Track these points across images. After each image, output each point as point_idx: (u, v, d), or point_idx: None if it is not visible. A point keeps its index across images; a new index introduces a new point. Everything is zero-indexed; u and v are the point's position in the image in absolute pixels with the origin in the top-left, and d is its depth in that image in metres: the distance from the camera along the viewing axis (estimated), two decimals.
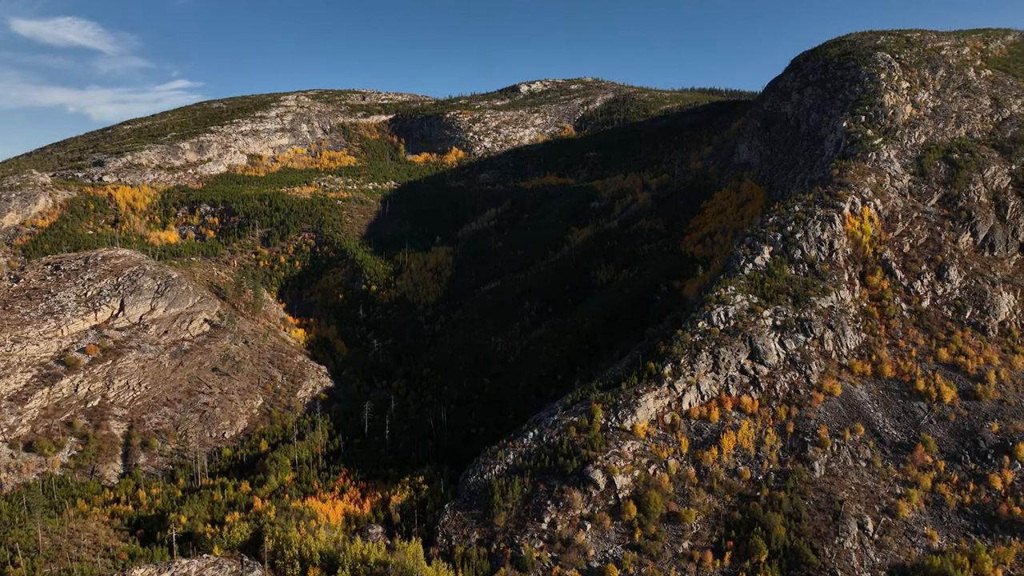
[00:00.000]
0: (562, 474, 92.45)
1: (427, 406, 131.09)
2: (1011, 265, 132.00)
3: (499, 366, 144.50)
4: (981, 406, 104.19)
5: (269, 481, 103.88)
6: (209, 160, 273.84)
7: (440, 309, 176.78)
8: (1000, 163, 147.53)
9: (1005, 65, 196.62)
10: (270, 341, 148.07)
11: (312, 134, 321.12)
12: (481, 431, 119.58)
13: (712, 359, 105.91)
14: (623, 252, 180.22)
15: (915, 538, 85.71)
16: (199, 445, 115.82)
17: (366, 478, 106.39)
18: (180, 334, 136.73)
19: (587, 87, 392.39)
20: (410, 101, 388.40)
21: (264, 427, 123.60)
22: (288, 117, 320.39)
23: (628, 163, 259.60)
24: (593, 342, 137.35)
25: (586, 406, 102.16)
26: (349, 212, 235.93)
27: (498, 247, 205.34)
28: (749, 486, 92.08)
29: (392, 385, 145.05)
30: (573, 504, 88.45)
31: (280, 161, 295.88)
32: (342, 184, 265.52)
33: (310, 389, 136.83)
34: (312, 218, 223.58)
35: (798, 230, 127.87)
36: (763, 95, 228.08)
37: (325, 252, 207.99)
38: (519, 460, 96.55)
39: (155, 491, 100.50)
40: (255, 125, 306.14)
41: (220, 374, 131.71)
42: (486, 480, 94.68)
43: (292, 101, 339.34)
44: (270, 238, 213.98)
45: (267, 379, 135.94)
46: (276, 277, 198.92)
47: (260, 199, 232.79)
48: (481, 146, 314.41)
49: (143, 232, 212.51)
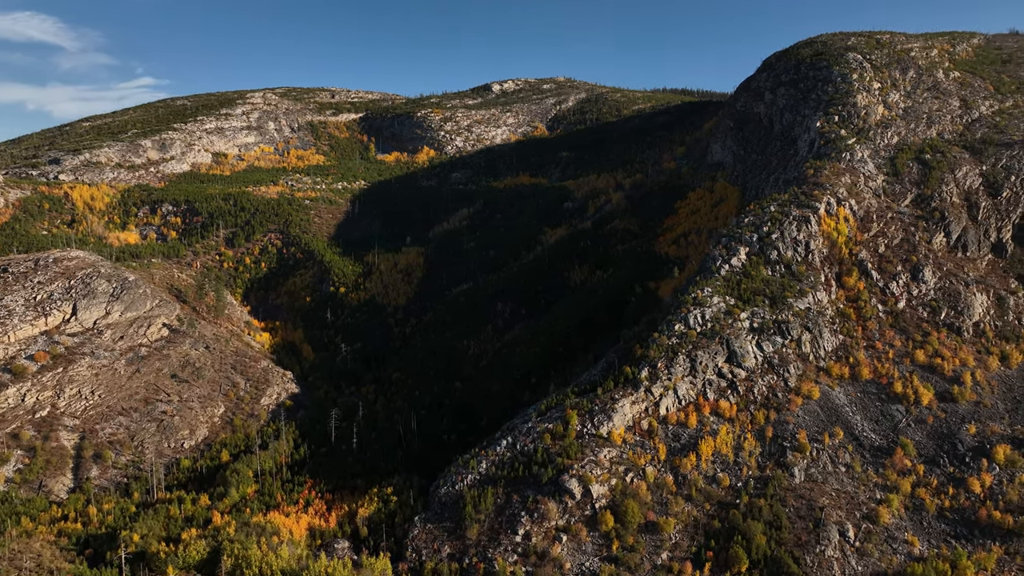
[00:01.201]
0: (537, 483, 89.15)
1: (397, 412, 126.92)
2: (983, 266, 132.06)
3: (471, 369, 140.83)
4: (958, 408, 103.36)
5: (230, 494, 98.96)
6: (172, 158, 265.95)
7: (411, 311, 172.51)
8: (971, 164, 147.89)
9: (972, 67, 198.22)
10: (233, 346, 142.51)
11: (279, 132, 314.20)
12: (453, 438, 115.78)
13: (689, 363, 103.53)
14: (597, 253, 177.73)
15: (896, 545, 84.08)
16: (156, 456, 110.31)
17: (332, 489, 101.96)
18: (137, 339, 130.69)
19: (559, 87, 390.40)
20: (380, 99, 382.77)
21: (226, 436, 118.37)
22: (255, 115, 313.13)
23: (601, 163, 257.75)
24: (568, 345, 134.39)
25: (561, 412, 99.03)
26: (317, 212, 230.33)
27: (470, 247, 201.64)
28: (728, 493, 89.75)
29: (361, 390, 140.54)
30: (548, 515, 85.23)
31: (246, 160, 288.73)
32: (310, 183, 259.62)
33: (275, 396, 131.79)
34: (279, 218, 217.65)
35: (774, 230, 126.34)
36: (736, 95, 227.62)
37: (292, 253, 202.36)
38: (492, 469, 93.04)
39: (107, 506, 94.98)
40: (220, 123, 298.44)
41: (179, 381, 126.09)
42: (458, 491, 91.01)
43: (259, 99, 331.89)
44: (235, 239, 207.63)
45: (229, 386, 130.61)
46: (241, 279, 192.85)
47: (225, 198, 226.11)
48: (453, 145, 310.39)
49: (101, 233, 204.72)
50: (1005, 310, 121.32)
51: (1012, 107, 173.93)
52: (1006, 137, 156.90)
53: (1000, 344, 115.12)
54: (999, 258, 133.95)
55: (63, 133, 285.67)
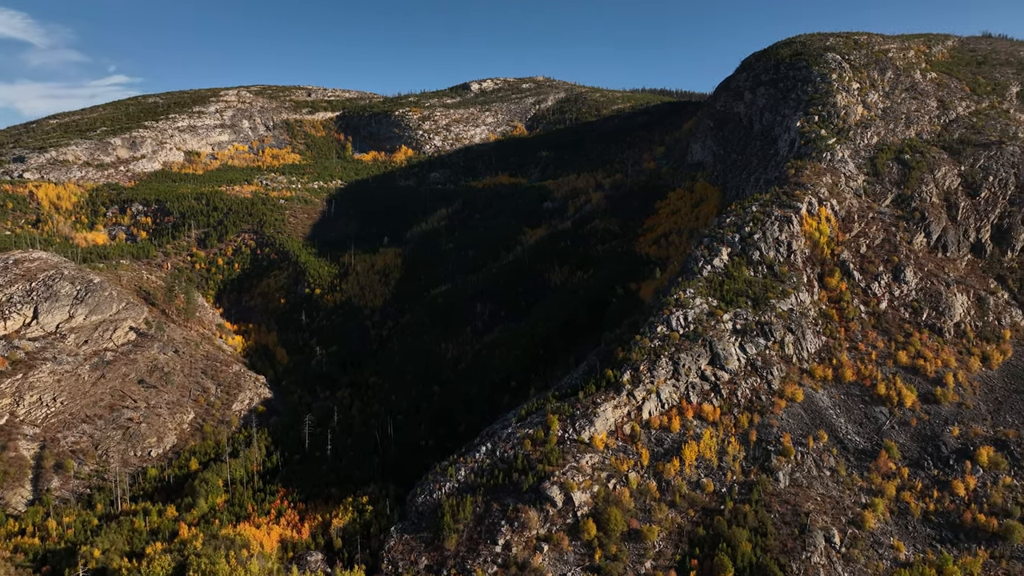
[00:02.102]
0: (517, 491, 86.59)
1: (373, 417, 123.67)
2: (963, 266, 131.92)
3: (450, 373, 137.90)
4: (941, 410, 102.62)
5: (198, 505, 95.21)
6: (142, 157, 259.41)
7: (388, 313, 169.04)
8: (950, 164, 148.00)
9: (948, 69, 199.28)
10: (203, 349, 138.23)
11: (254, 131, 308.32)
12: (431, 444, 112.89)
13: (672, 365, 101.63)
14: (577, 253, 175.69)
15: (882, 550, 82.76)
16: (121, 465, 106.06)
17: (306, 498, 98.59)
18: (102, 344, 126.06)
19: (539, 86, 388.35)
20: (358, 98, 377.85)
21: (195, 444, 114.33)
22: (228, 113, 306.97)
23: (581, 163, 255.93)
24: (548, 347, 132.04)
25: (542, 417, 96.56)
26: (292, 212, 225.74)
27: (449, 248, 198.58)
28: (712, 499, 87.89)
29: (336, 395, 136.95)
30: (529, 524, 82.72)
31: (219, 158, 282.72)
32: (285, 183, 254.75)
33: (247, 401, 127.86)
34: (253, 218, 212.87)
35: (756, 231, 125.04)
36: (715, 95, 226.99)
37: (266, 254, 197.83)
38: (471, 477, 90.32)
39: (68, 520, 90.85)
40: (193, 121, 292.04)
41: (147, 386, 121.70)
42: (435, 499, 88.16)
43: (233, 96, 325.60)
44: (207, 239, 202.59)
45: (199, 391, 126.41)
46: (213, 280, 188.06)
47: (197, 198, 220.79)
48: (431, 144, 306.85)
49: (68, 233, 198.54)
50: (985, 311, 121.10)
51: (988, 108, 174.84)
52: (983, 138, 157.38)
53: (981, 345, 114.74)
54: (978, 258, 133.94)
55: (29, 131, 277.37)
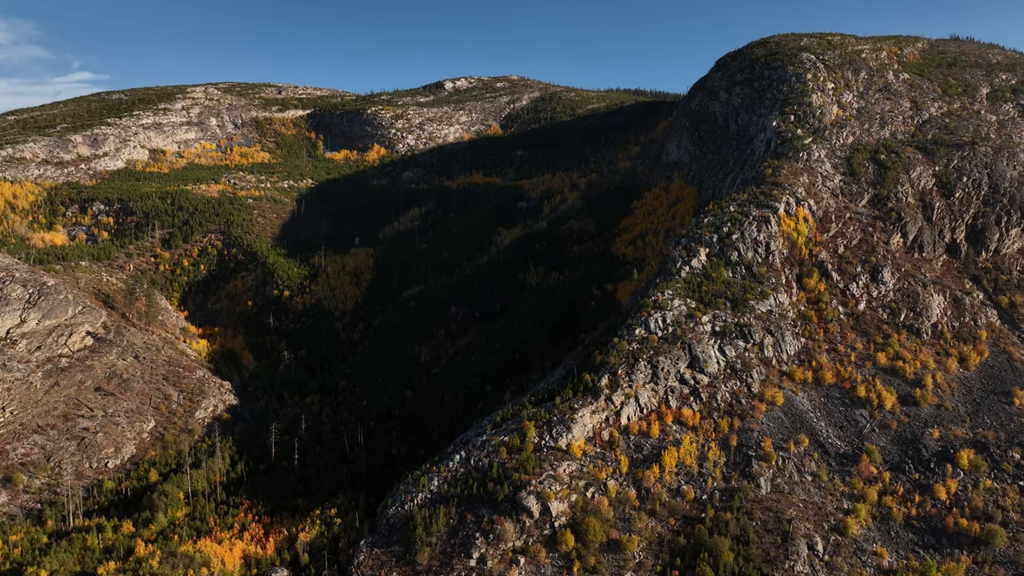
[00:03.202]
0: (492, 502, 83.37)
1: (343, 424, 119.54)
2: (939, 266, 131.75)
3: (423, 377, 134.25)
4: (921, 412, 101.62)
5: (157, 519, 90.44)
6: (105, 155, 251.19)
7: (359, 316, 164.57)
8: (924, 164, 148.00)
9: (920, 70, 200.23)
10: (166, 355, 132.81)
11: (222, 128, 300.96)
12: (403, 451, 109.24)
13: (651, 369, 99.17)
14: (553, 254, 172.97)
15: (865, 557, 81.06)
16: (75, 478, 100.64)
17: (271, 511, 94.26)
18: (57, 349, 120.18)
19: (513, 85, 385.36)
20: (329, 96, 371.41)
21: (155, 454, 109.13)
22: (195, 110, 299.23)
23: (556, 162, 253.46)
24: (524, 350, 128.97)
25: (518, 424, 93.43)
26: (261, 212, 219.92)
27: (422, 249, 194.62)
28: (693, 507, 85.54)
29: (305, 401, 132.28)
30: (505, 536, 79.53)
31: (186, 157, 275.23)
32: (254, 182, 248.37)
33: (211, 408, 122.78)
34: (219, 218, 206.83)
35: (734, 231, 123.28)
36: (691, 94, 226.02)
37: (233, 255, 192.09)
38: (444, 487, 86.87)
39: (15, 538, 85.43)
40: (158, 118, 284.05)
41: (104, 394, 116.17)
42: (407, 511, 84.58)
43: (200, 93, 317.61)
44: (172, 240, 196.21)
45: (161, 398, 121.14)
46: (178, 282, 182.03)
47: (162, 197, 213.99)
48: (404, 143, 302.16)
49: (24, 233, 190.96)
50: (962, 311, 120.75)
51: (959, 109, 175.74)
52: (956, 138, 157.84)
53: (958, 345, 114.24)
54: (953, 259, 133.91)
55: None
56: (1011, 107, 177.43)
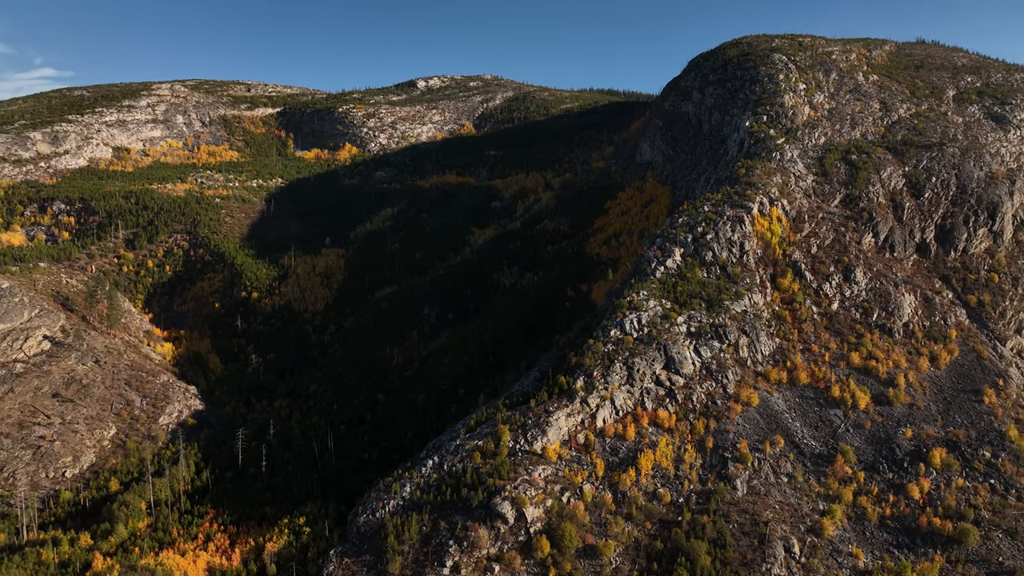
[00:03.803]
0: (466, 508, 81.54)
1: (313, 429, 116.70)
2: (909, 266, 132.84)
3: (396, 379, 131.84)
4: (894, 411, 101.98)
5: (117, 531, 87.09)
6: (66, 152, 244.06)
7: (330, 318, 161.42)
8: (895, 165, 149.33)
9: (888, 72, 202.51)
10: (128, 359, 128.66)
11: (189, 126, 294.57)
12: (375, 456, 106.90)
13: (626, 370, 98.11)
14: (527, 254, 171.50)
15: (841, 558, 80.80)
16: (30, 489, 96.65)
17: (238, 520, 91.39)
18: (11, 354, 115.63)
19: (486, 84, 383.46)
20: (299, 94, 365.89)
21: (116, 462, 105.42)
22: (161, 107, 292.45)
23: (530, 162, 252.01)
24: (498, 352, 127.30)
25: (492, 427, 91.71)
26: (229, 211, 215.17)
27: (395, 249, 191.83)
28: (670, 510, 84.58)
29: (274, 405, 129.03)
30: (479, 543, 77.77)
31: (151, 155, 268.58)
32: (222, 181, 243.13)
33: (175, 414, 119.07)
34: (186, 218, 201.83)
35: (708, 231, 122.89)
36: (664, 94, 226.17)
37: (200, 255, 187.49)
38: (417, 493, 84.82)
39: None
40: (123, 115, 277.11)
41: (62, 400, 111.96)
42: (379, 519, 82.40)
43: (166, 90, 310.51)
44: (136, 240, 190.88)
45: (123, 404, 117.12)
46: (142, 284, 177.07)
47: (125, 196, 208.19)
48: (376, 142, 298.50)
49: None
50: (932, 310, 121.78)
51: (927, 111, 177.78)
52: (925, 139, 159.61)
53: (929, 345, 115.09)
54: (923, 258, 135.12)
55: None
56: (976, 109, 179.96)
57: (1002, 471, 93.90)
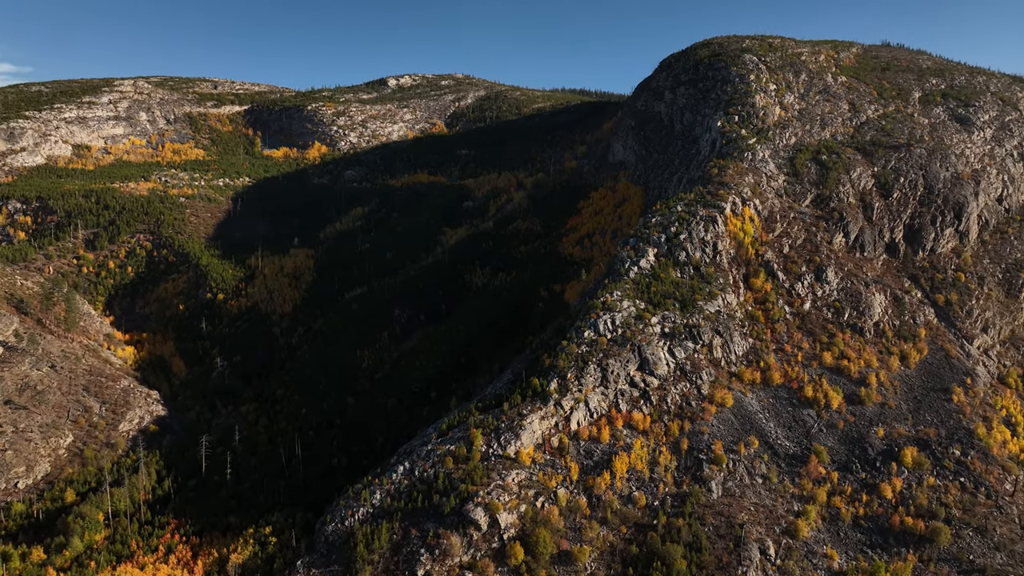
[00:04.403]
0: (438, 515, 79.52)
1: (281, 434, 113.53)
2: (879, 265, 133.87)
3: (366, 383, 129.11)
4: (866, 411, 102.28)
5: (72, 544, 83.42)
6: (22, 150, 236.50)
7: (298, 320, 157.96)
8: (864, 165, 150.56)
9: (856, 73, 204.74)
10: (87, 363, 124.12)
11: (153, 124, 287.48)
12: (344, 462, 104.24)
13: (600, 372, 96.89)
14: (499, 254, 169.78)
15: (816, 559, 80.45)
16: None
17: (201, 531, 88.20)
18: None
19: (458, 83, 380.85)
20: (268, 92, 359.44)
21: (73, 472, 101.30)
22: (124, 104, 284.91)
23: (502, 162, 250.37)
24: (470, 354, 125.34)
25: (464, 432, 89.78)
26: (194, 211, 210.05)
27: (365, 249, 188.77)
28: (645, 514, 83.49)
29: (240, 410, 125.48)
30: (451, 551, 75.82)
31: (113, 153, 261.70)
32: (187, 179, 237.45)
33: (136, 420, 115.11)
34: (149, 217, 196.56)
35: (682, 231, 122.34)
36: (636, 94, 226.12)
37: (164, 256, 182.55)
38: (387, 500, 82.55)
39: None
40: (83, 112, 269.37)
41: (15, 408, 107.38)
42: (348, 527, 79.99)
43: (129, 87, 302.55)
44: (97, 240, 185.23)
45: (80, 411, 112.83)
46: (103, 286, 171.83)
47: (86, 195, 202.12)
48: (346, 141, 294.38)
49: None
50: (902, 310, 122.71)
51: (895, 112, 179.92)
52: (893, 140, 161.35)
53: (899, 344, 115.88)
54: (893, 258, 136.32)
55: None
56: (941, 111, 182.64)
57: (971, 469, 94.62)
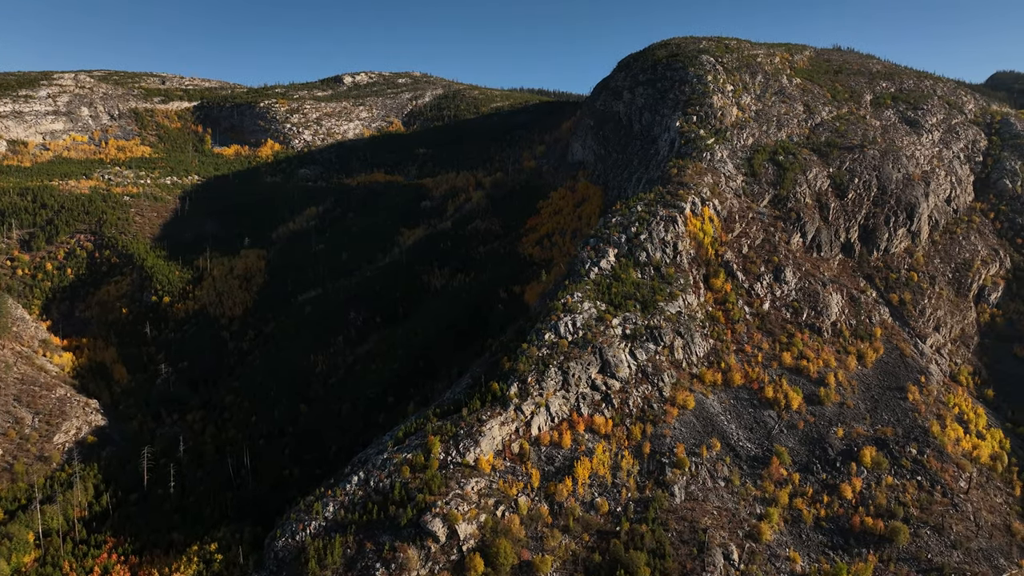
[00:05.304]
0: (394, 527, 76.30)
1: (229, 444, 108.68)
2: (835, 265, 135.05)
3: (320, 388, 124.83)
4: (825, 411, 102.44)
5: None
6: None
7: (249, 323, 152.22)
8: (819, 166, 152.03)
9: (810, 76, 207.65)
10: (18, 371, 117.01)
11: (96, 119, 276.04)
12: (296, 472, 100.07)
13: (562, 375, 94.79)
14: (458, 255, 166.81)
15: (779, 563, 79.63)
16: None
17: (141, 549, 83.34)
18: None
19: (415, 81, 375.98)
20: (218, 88, 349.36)
21: (1, 488, 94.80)
22: (64, 98, 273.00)
23: (460, 161, 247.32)
24: (428, 357, 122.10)
25: (422, 439, 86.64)
26: (139, 210, 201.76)
27: (319, 250, 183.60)
28: (608, 520, 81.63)
29: (186, 419, 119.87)
30: (408, 565, 72.69)
31: (52, 150, 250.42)
32: (132, 178, 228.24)
33: (73, 431, 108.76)
34: (91, 217, 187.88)
35: (642, 231, 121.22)
36: (595, 94, 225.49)
37: (106, 257, 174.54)
38: (341, 513, 78.97)
39: None
40: (19, 106, 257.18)
41: None
42: (299, 542, 76.19)
43: (70, 80, 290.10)
44: (33, 241, 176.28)
45: (10, 422, 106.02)
46: (39, 289, 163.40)
47: (21, 193, 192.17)
48: (300, 139, 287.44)
49: None
50: (858, 309, 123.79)
51: (847, 114, 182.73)
52: (847, 141, 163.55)
53: (856, 343, 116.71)
54: (848, 258, 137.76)
55: None
56: (892, 113, 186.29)
57: (928, 468, 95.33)
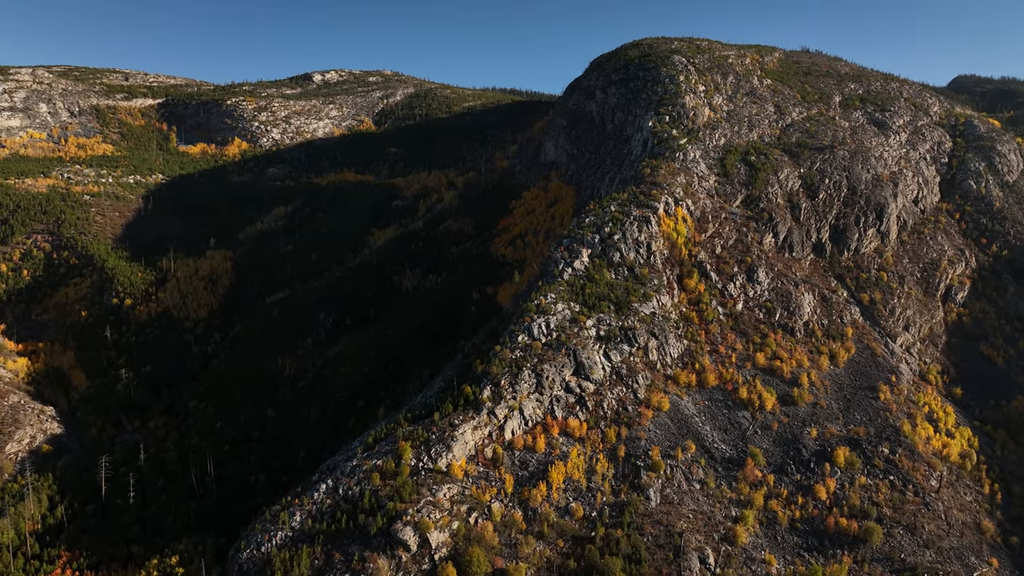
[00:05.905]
0: (364, 536, 74.05)
1: (193, 451, 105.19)
2: (807, 265, 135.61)
3: (287, 392, 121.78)
4: (799, 411, 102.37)
5: None
6: None
7: (214, 326, 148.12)
8: (791, 166, 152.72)
9: (780, 77, 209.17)
10: None
11: (55, 116, 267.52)
12: (263, 480, 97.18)
13: (535, 378, 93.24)
14: (430, 255, 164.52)
15: (755, 566, 78.97)
16: None
17: (98, 563, 79.96)
18: None
19: (387, 80, 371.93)
20: (184, 85, 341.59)
21: None
22: (20, 94, 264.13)
23: (432, 160, 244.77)
24: (399, 360, 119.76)
25: (392, 444, 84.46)
26: (100, 210, 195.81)
27: (288, 250, 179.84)
28: (583, 526, 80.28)
29: (148, 426, 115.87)
30: (378, 575, 70.50)
31: (8, 147, 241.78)
32: (93, 176, 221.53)
33: (26, 440, 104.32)
34: (48, 216, 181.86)
35: (616, 231, 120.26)
36: (567, 93, 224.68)
37: (64, 258, 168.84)
38: (309, 522, 76.49)
39: None
40: None
41: None
42: (264, 553, 73.60)
43: (27, 76, 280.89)
44: None
45: None
46: None
47: None
48: (269, 138, 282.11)
49: None
50: (830, 309, 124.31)
51: (818, 115, 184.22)
52: (817, 142, 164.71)
53: (828, 343, 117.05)
54: (820, 258, 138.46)
55: None
56: (860, 115, 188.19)
57: (900, 467, 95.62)
